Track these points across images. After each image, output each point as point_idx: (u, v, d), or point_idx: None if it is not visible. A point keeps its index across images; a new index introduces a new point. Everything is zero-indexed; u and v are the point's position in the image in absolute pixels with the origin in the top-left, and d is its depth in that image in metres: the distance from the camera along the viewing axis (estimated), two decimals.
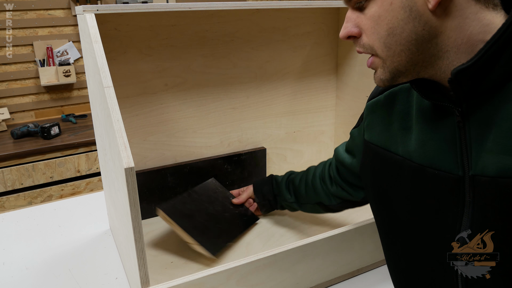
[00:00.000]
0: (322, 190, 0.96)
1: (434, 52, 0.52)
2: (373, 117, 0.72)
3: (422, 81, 0.57)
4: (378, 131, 0.70)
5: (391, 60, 0.54)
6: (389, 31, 0.52)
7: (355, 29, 0.56)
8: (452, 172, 0.56)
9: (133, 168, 0.61)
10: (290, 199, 1.03)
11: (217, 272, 0.72)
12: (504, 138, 0.50)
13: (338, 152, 0.89)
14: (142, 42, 1.03)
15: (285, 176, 1.06)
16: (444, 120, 0.57)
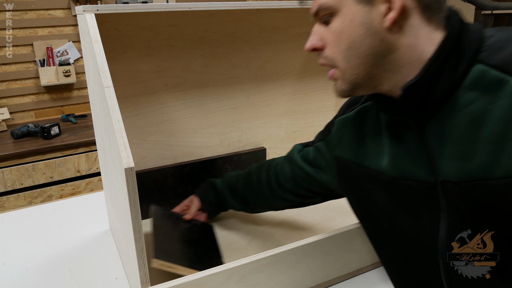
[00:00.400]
0: (273, 196, 0.95)
1: (390, 67, 0.56)
2: (343, 133, 0.75)
3: (381, 97, 0.61)
4: (350, 147, 0.73)
5: (350, 72, 0.58)
6: (349, 45, 0.56)
7: (319, 42, 0.60)
8: (425, 180, 0.59)
9: (133, 168, 0.61)
10: (237, 207, 1.02)
11: (217, 272, 0.72)
12: (457, 145, 0.54)
13: (298, 162, 0.88)
14: (142, 42, 1.03)
15: (225, 182, 1.03)
16: (407, 133, 0.61)
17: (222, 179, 1.04)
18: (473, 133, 0.53)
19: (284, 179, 0.92)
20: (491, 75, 0.52)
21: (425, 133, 0.58)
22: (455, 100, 0.54)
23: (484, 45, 0.54)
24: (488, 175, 0.51)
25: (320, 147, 0.83)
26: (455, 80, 0.54)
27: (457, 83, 0.54)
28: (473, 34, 0.55)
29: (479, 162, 0.52)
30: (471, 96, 0.53)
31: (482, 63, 0.53)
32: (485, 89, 0.52)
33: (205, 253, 0.95)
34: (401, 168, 0.62)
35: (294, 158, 0.89)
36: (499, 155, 0.50)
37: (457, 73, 0.54)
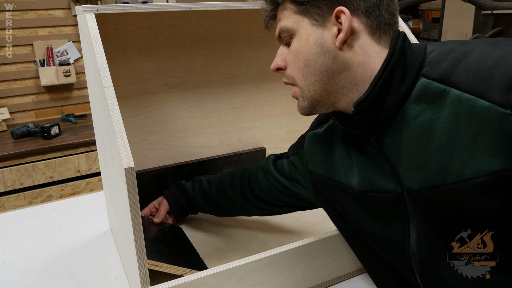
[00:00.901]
0: (247, 204, 0.95)
1: (345, 84, 0.60)
2: (313, 148, 0.77)
3: (341, 114, 0.64)
4: (320, 161, 0.75)
5: (308, 89, 0.62)
6: (305, 63, 0.61)
7: (282, 63, 0.65)
8: (392, 191, 0.61)
9: (133, 168, 0.61)
10: (209, 211, 1.02)
11: (217, 272, 0.72)
12: (411, 155, 0.57)
13: (274, 174, 0.89)
14: (142, 42, 1.03)
15: (196, 186, 1.02)
16: (368, 147, 0.64)
17: (192, 183, 1.03)
18: (424, 143, 0.56)
19: (259, 189, 0.92)
20: (434, 87, 0.55)
21: (383, 146, 0.61)
22: (405, 113, 0.58)
23: (426, 60, 0.57)
24: (443, 181, 0.54)
25: (294, 161, 0.85)
26: (402, 94, 0.57)
27: (405, 97, 0.57)
28: (417, 51, 0.59)
29: (433, 170, 0.55)
30: (418, 108, 0.56)
31: (425, 77, 0.56)
32: (430, 101, 0.55)
33: (184, 251, 0.96)
34: (368, 181, 0.64)
35: (270, 170, 0.90)
36: (449, 162, 0.53)
37: (403, 87, 0.57)
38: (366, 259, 0.75)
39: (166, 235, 1.00)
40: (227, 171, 1.01)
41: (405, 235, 0.61)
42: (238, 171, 0.98)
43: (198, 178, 1.04)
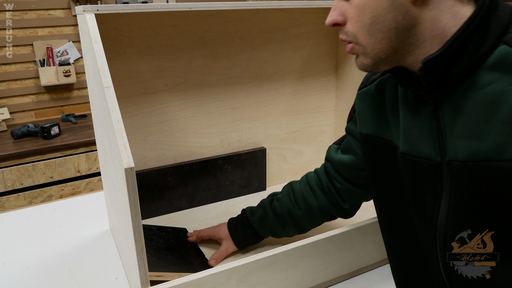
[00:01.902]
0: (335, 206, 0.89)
1: (412, 41, 0.56)
2: (363, 106, 0.73)
3: (401, 70, 0.60)
4: (369, 120, 0.72)
5: (372, 47, 0.57)
6: (372, 19, 0.55)
7: (341, 17, 0.60)
8: (431, 158, 0.59)
9: (133, 168, 0.61)
10: (292, 235, 0.95)
11: (217, 272, 0.72)
12: (471, 124, 0.54)
13: (335, 159, 0.86)
14: (142, 42, 1.03)
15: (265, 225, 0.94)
16: (421, 109, 0.60)
17: (260, 222, 0.94)
18: (489, 114, 0.52)
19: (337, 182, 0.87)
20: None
21: (440, 110, 0.57)
22: (475, 79, 0.53)
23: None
24: (498, 156, 0.51)
25: (350, 128, 0.82)
26: (477, 58, 0.53)
27: (479, 62, 0.53)
28: (502, 13, 0.53)
29: (490, 143, 0.52)
30: (491, 77, 0.52)
31: (507, 44, 0.52)
32: (506, 71, 0.51)
33: (189, 255, 0.96)
34: (411, 144, 0.61)
35: (331, 156, 0.87)
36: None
37: (480, 51, 0.53)
38: (389, 226, 0.73)
39: (170, 240, 1.01)
40: (295, 185, 0.94)
41: (436, 206, 0.60)
42: (310, 179, 0.92)
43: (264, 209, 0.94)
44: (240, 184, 1.26)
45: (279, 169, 1.36)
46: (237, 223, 0.97)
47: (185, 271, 0.82)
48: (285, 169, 1.37)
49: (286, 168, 1.37)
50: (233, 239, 0.95)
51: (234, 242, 0.96)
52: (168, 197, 1.15)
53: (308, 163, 1.40)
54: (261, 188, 1.31)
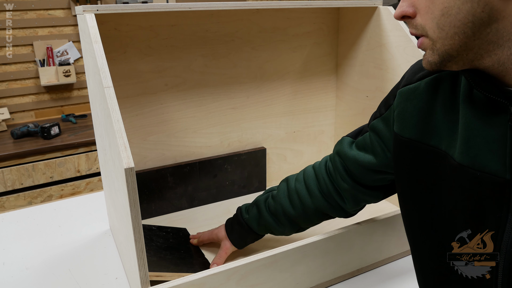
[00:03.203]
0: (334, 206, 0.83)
1: (493, 39, 0.48)
2: (406, 106, 0.65)
3: (475, 71, 0.53)
4: (413, 123, 0.63)
5: (442, 43, 0.50)
6: (443, 11, 0.49)
7: (410, 9, 0.53)
8: (497, 175, 0.51)
9: (133, 168, 0.61)
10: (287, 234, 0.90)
11: (217, 272, 0.72)
12: None
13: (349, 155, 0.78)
14: (142, 42, 1.03)
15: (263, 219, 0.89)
16: (494, 117, 0.52)
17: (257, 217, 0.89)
18: None
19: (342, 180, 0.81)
20: None
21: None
22: None
23: None
24: None
25: (377, 126, 0.73)
26: None
27: None
28: None
29: None
30: None
31: None
32: None
33: (188, 254, 0.96)
34: (473, 156, 0.54)
35: (343, 151, 0.79)
36: None
37: None
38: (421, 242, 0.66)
39: (170, 240, 1.01)
40: (291, 182, 0.88)
41: (500, 226, 0.53)
42: (307, 177, 0.85)
43: (258, 207, 0.90)
44: (240, 184, 1.26)
45: (279, 169, 1.36)
46: (232, 222, 0.94)
47: (185, 271, 0.82)
48: (285, 169, 1.37)
49: (286, 168, 1.37)
50: (230, 239, 0.92)
51: (232, 243, 0.93)
52: (168, 197, 1.15)
53: (308, 163, 1.40)
54: (261, 188, 1.31)
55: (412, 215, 0.67)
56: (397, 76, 1.09)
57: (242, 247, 0.95)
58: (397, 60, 1.08)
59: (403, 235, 0.93)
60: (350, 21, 1.23)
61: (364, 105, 1.24)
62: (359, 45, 1.21)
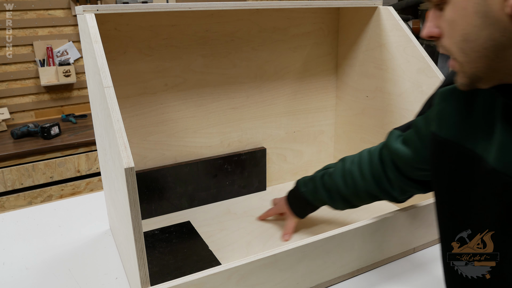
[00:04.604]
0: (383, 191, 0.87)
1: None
2: (445, 106, 0.65)
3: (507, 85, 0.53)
4: (451, 123, 0.63)
5: (468, 66, 0.51)
6: (463, 37, 0.49)
7: (436, 30, 0.53)
8: None
9: (133, 168, 0.61)
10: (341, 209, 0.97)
11: (217, 272, 0.72)
12: None
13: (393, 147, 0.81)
14: (142, 42, 1.03)
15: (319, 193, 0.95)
16: None
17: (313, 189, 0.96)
18: None
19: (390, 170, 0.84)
20: None
21: None
22: None
23: None
24: None
25: (418, 123, 0.74)
26: None
27: None
28: None
29: None
30: None
31: None
32: None
33: (192, 251, 0.97)
34: (507, 162, 0.53)
35: (390, 143, 0.82)
36: None
37: None
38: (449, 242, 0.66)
39: (173, 241, 1.02)
40: (347, 163, 0.92)
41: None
42: (362, 161, 0.89)
43: (314, 183, 0.96)
44: (240, 184, 1.26)
45: (279, 169, 1.36)
46: (292, 195, 1.02)
47: (188, 273, 0.83)
48: (285, 169, 1.37)
49: (286, 168, 1.37)
50: (292, 211, 1.02)
51: (294, 214, 1.02)
52: (168, 197, 1.15)
53: (308, 163, 1.40)
54: (261, 188, 1.31)
55: (443, 213, 0.68)
56: (397, 76, 1.09)
57: (303, 217, 1.04)
58: (397, 60, 1.08)
59: (403, 235, 0.93)
60: (350, 21, 1.23)
61: (364, 105, 1.24)
62: (359, 45, 1.21)
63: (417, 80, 1.03)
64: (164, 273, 0.89)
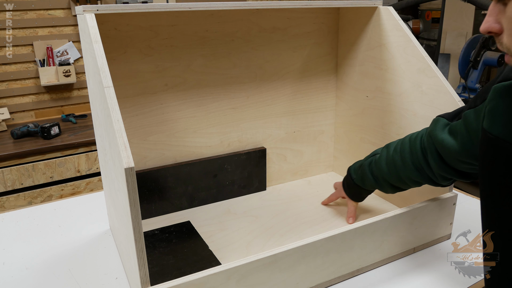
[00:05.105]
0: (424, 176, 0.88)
1: None
2: (499, 103, 0.62)
3: None
4: (503, 121, 0.61)
5: None
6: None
7: (496, 25, 0.51)
8: None
9: (133, 168, 0.61)
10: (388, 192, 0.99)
11: (217, 272, 0.72)
12: None
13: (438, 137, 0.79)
14: (142, 42, 1.03)
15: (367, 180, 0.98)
16: None
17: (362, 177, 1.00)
18: None
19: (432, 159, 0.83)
20: None
21: None
22: None
23: None
24: None
25: (469, 116, 0.72)
26: None
27: None
28: None
29: None
30: None
31: None
32: None
33: (192, 251, 0.97)
34: None
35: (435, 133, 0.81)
36: None
37: None
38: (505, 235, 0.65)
39: (173, 241, 1.02)
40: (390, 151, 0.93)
41: None
42: (403, 149, 0.90)
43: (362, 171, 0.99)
44: (240, 184, 1.26)
45: (279, 169, 1.36)
46: (346, 182, 1.07)
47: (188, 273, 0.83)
48: (285, 169, 1.37)
49: (286, 168, 1.37)
50: (349, 196, 1.08)
51: (351, 198, 1.08)
52: (168, 197, 1.15)
53: (308, 163, 1.40)
54: (261, 188, 1.31)
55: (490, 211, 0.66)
56: (397, 76, 1.09)
57: (362, 200, 1.09)
58: (397, 60, 1.08)
59: (403, 235, 0.93)
60: (350, 21, 1.23)
61: (364, 105, 1.24)
62: (359, 45, 1.21)
63: (417, 80, 1.03)
64: (164, 273, 0.89)
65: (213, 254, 0.97)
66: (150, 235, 1.04)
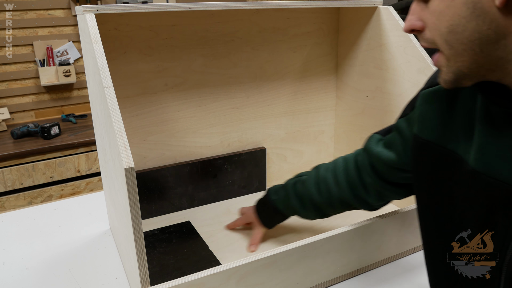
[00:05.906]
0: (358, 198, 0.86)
1: (502, 54, 0.47)
2: (427, 108, 0.65)
3: (488, 84, 0.53)
4: (432, 125, 0.64)
5: (454, 60, 0.50)
6: (450, 28, 0.48)
7: (418, 23, 0.53)
8: (510, 183, 0.51)
9: (133, 168, 0.61)
10: (312, 218, 0.95)
11: (217, 272, 0.72)
12: None
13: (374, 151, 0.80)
14: (142, 42, 1.03)
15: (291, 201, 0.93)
16: (509, 127, 0.52)
17: (285, 199, 0.94)
18: None
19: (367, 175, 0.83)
20: None
21: None
22: None
23: None
24: None
25: (400, 125, 0.74)
26: None
27: None
28: None
29: None
30: None
31: None
32: None
33: (192, 251, 0.97)
34: (486, 162, 0.54)
35: (370, 146, 0.81)
36: None
37: None
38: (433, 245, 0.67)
39: (173, 241, 1.02)
40: (321, 170, 0.91)
41: (507, 236, 0.53)
42: (337, 167, 0.88)
43: (286, 191, 0.94)
44: (240, 184, 1.26)
45: (279, 169, 1.36)
46: (261, 204, 0.99)
47: (188, 273, 0.83)
48: (285, 169, 1.37)
49: (286, 168, 1.37)
50: (260, 219, 0.99)
51: (261, 223, 0.99)
52: (168, 197, 1.15)
53: (308, 163, 1.40)
54: (261, 188, 1.31)
55: (426, 216, 0.68)
56: (397, 76, 1.09)
57: (271, 227, 1.00)
58: (397, 60, 1.08)
59: (403, 235, 0.93)
60: (350, 21, 1.23)
61: (364, 105, 1.24)
62: (359, 45, 1.21)
63: (417, 80, 1.03)
64: (164, 273, 0.89)
65: (213, 254, 0.97)
66: (150, 235, 1.04)
